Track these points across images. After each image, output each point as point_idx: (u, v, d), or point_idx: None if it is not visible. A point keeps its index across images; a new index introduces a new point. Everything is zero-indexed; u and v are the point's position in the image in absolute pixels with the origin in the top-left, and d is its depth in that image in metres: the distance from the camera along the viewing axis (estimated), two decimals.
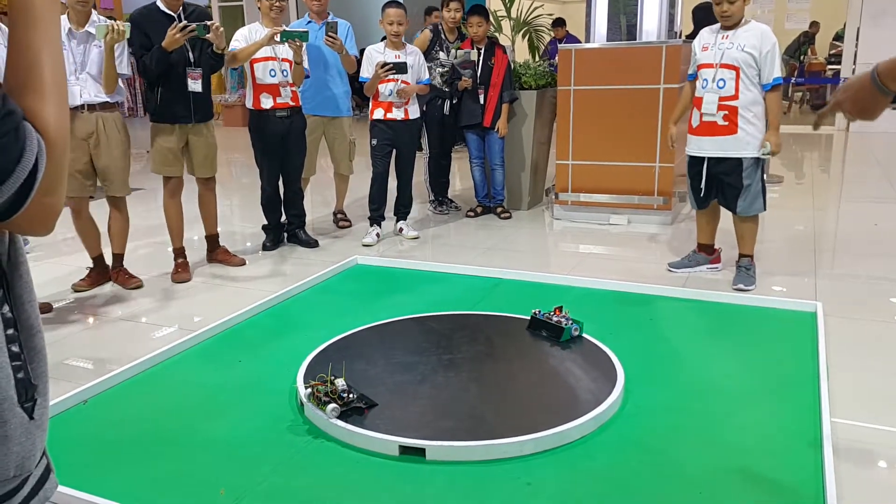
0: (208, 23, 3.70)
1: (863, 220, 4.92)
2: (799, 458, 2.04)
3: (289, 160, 4.41)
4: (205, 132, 3.94)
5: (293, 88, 4.29)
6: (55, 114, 0.80)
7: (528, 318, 2.98)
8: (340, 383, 2.29)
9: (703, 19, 5.03)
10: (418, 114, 4.73)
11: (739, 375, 2.58)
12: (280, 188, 4.51)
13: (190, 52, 3.76)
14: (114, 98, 3.64)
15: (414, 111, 4.66)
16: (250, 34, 4.17)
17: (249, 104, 4.28)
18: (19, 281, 0.85)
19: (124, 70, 3.62)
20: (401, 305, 3.34)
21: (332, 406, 2.21)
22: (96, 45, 3.52)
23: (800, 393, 2.42)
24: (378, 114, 4.59)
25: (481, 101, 5.01)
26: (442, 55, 5.13)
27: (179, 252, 4.03)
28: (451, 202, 5.59)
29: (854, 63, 9.66)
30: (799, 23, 11.69)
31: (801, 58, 12.27)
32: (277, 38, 4.02)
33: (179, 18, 3.73)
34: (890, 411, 2.34)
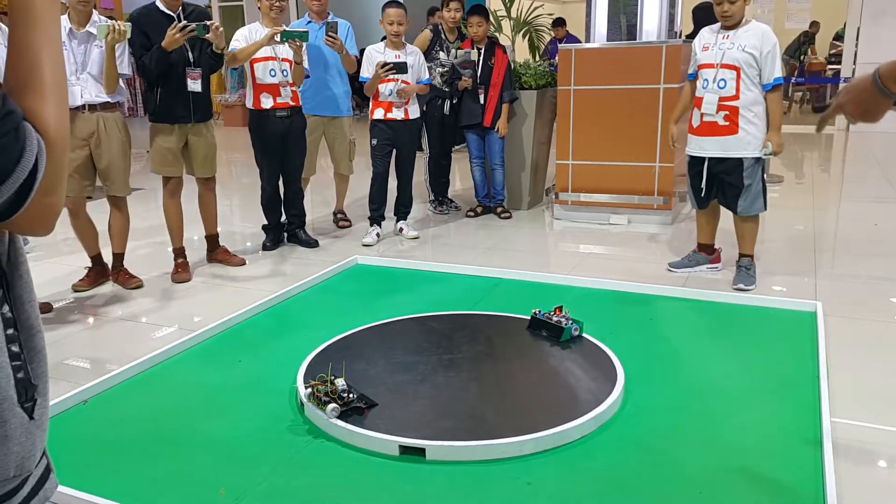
0: (208, 23, 3.70)
1: (863, 220, 4.92)
2: (799, 458, 2.04)
3: (289, 160, 4.41)
4: (204, 132, 3.94)
5: (293, 88, 4.29)
6: (55, 114, 0.80)
7: (529, 317, 2.98)
8: (340, 383, 2.29)
9: (703, 19, 5.02)
10: (418, 114, 4.73)
11: (739, 375, 2.58)
12: (280, 188, 4.51)
13: (189, 52, 3.76)
14: (115, 98, 3.64)
15: (414, 111, 4.66)
16: (250, 34, 4.17)
17: (249, 104, 4.28)
18: (19, 281, 0.85)
19: (125, 70, 3.63)
20: (401, 305, 3.34)
21: (332, 406, 2.21)
22: (97, 45, 3.52)
23: (800, 393, 2.42)
24: (378, 114, 4.59)
25: (481, 101, 5.01)
26: (442, 55, 5.13)
27: (179, 252, 4.04)
28: (452, 202, 5.59)
29: (854, 63, 9.66)
30: (799, 22, 11.69)
31: (802, 58, 12.27)
32: (277, 38, 4.02)
33: (179, 18, 3.72)
34: (890, 411, 2.34)
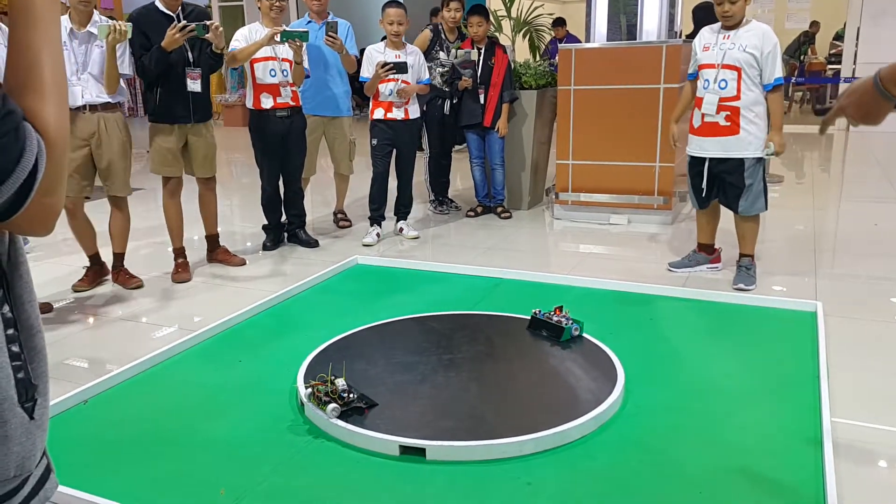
0: (207, 22, 3.70)
1: (863, 220, 4.92)
2: (799, 458, 2.04)
3: (289, 160, 4.41)
4: (204, 132, 3.94)
5: (293, 88, 4.29)
6: (55, 114, 0.80)
7: (529, 317, 2.98)
8: (341, 383, 2.29)
9: (703, 19, 5.02)
10: (418, 114, 4.73)
11: (739, 375, 2.58)
12: (280, 188, 4.51)
13: (189, 52, 3.76)
14: (115, 98, 3.64)
15: (414, 111, 4.66)
16: (250, 34, 4.17)
17: (250, 104, 4.28)
18: (19, 281, 0.85)
19: (126, 70, 3.63)
20: (401, 305, 3.34)
21: (332, 406, 2.21)
22: (98, 45, 3.52)
23: (800, 393, 2.42)
24: (378, 114, 4.59)
25: (481, 101, 5.01)
26: (442, 55, 5.13)
27: (179, 252, 4.04)
28: (452, 202, 5.59)
29: (854, 63, 9.66)
30: (799, 22, 11.70)
31: (802, 57, 12.27)
32: (277, 38, 4.02)
33: (178, 18, 3.72)
34: (890, 411, 2.34)
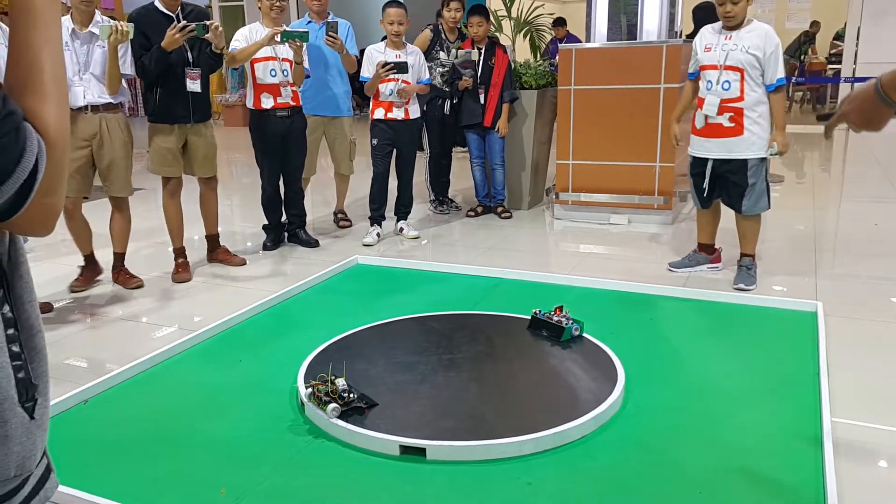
0: (207, 22, 3.70)
1: (863, 220, 4.92)
2: (799, 458, 2.04)
3: (289, 160, 4.41)
4: (204, 132, 3.94)
5: (294, 88, 4.29)
6: (55, 114, 0.80)
7: (529, 317, 2.98)
8: (341, 383, 2.29)
9: (704, 19, 5.02)
10: (419, 113, 4.73)
11: (740, 375, 2.58)
12: (281, 188, 4.51)
13: (189, 52, 3.76)
14: (117, 99, 3.64)
15: (414, 111, 4.66)
16: (251, 34, 4.17)
17: (250, 104, 4.28)
18: (20, 281, 0.85)
19: (128, 70, 3.63)
20: (401, 305, 3.34)
21: (332, 406, 2.21)
22: (100, 45, 3.52)
23: (800, 393, 2.42)
24: (378, 113, 4.59)
25: (482, 101, 5.01)
26: (442, 55, 5.13)
27: (180, 252, 4.04)
28: (452, 202, 5.59)
29: (855, 62, 9.65)
30: (799, 22, 11.71)
31: (802, 57, 12.27)
32: (278, 38, 4.02)
33: (178, 18, 3.72)
34: (890, 411, 2.34)
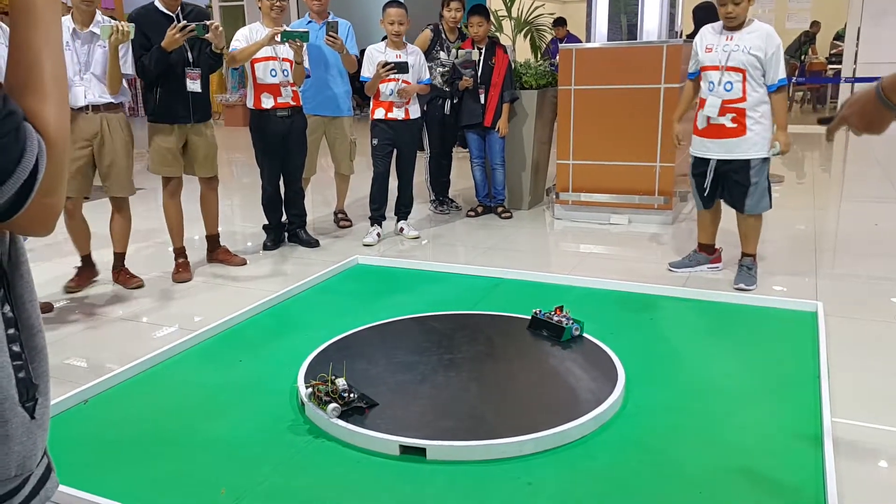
0: (207, 22, 3.70)
1: (863, 220, 4.92)
2: (799, 458, 2.04)
3: (290, 160, 4.41)
4: (205, 132, 3.94)
5: (294, 88, 4.29)
6: (55, 114, 0.80)
7: (529, 317, 2.98)
8: (341, 383, 2.29)
9: (704, 18, 5.02)
10: (419, 113, 4.73)
11: (740, 375, 2.58)
12: (281, 188, 4.51)
13: (189, 52, 3.76)
14: (118, 98, 3.64)
15: (415, 111, 4.66)
16: (251, 34, 4.17)
17: (250, 104, 4.28)
18: (20, 281, 0.85)
19: (129, 70, 3.63)
20: (401, 305, 3.34)
21: (332, 406, 2.21)
22: (100, 45, 3.52)
23: (800, 393, 2.42)
24: (379, 113, 4.59)
25: (482, 101, 5.01)
26: (443, 55, 5.13)
27: (180, 252, 4.04)
28: (452, 202, 5.59)
29: (855, 62, 9.65)
30: (800, 22, 11.71)
31: (802, 57, 12.27)
32: (278, 38, 4.02)
33: (178, 18, 3.72)
34: (890, 411, 2.34)
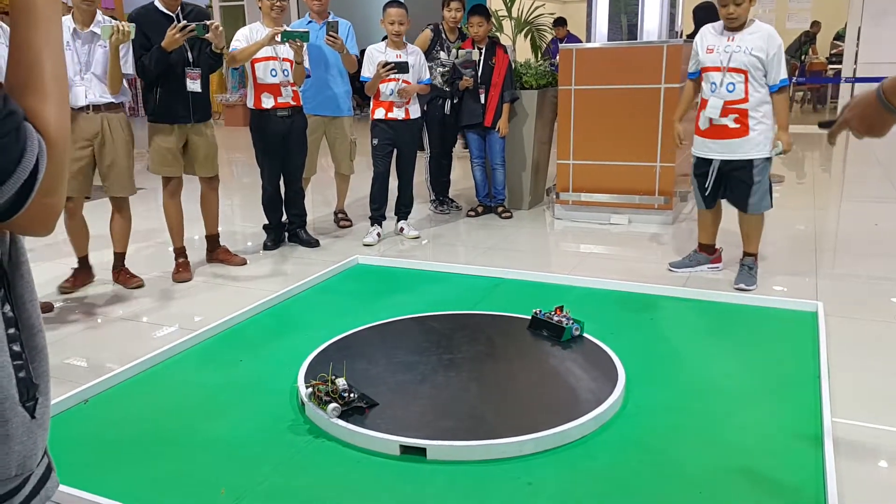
0: (207, 22, 3.70)
1: (863, 220, 4.92)
2: (799, 458, 2.04)
3: (290, 160, 4.41)
4: (205, 132, 3.94)
5: (294, 88, 4.29)
6: (56, 114, 0.80)
7: (529, 317, 2.98)
8: (341, 383, 2.29)
9: (704, 19, 5.02)
10: (419, 113, 4.73)
11: (740, 375, 2.58)
12: (281, 188, 4.51)
13: (189, 52, 3.76)
14: (119, 98, 3.63)
15: (415, 111, 4.66)
16: (251, 34, 4.17)
17: (250, 104, 4.28)
18: (20, 280, 0.85)
19: (129, 70, 3.63)
20: (401, 305, 3.34)
21: (332, 406, 2.21)
22: (101, 45, 3.52)
23: (800, 393, 2.42)
24: (379, 113, 4.59)
25: (482, 101, 5.01)
26: (443, 55, 5.13)
27: (180, 252, 4.04)
28: (452, 202, 5.59)
29: (855, 62, 9.65)
30: (800, 22, 11.71)
31: (803, 57, 12.27)
32: (278, 38, 4.02)
33: (178, 18, 3.72)
34: (890, 411, 2.34)
